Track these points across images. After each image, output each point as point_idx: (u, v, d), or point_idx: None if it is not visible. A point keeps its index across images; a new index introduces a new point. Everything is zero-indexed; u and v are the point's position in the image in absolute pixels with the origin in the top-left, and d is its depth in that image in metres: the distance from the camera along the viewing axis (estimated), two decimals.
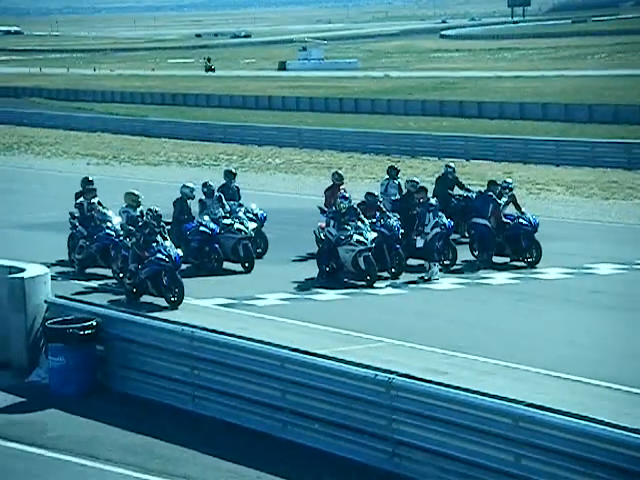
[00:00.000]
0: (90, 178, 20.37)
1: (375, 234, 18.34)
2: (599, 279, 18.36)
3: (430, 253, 18.47)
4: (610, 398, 12.00)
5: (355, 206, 18.77)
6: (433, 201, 18.97)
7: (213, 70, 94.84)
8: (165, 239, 16.88)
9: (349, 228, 18.26)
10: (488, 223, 19.44)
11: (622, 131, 39.09)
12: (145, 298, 16.97)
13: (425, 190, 19.29)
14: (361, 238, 18.09)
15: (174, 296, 16.69)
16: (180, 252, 17.18)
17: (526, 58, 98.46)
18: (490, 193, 19.69)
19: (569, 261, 19.50)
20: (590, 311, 16.28)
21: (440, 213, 18.99)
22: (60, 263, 19.76)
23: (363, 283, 18.00)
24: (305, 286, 18.07)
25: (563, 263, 19.34)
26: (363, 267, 17.98)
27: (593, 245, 21.37)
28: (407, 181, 20.20)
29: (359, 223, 18.38)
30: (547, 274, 18.75)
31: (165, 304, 16.61)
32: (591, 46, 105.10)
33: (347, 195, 19.13)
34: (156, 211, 16.92)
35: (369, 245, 18.03)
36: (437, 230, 18.58)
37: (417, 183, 19.77)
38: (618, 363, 13.45)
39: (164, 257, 16.67)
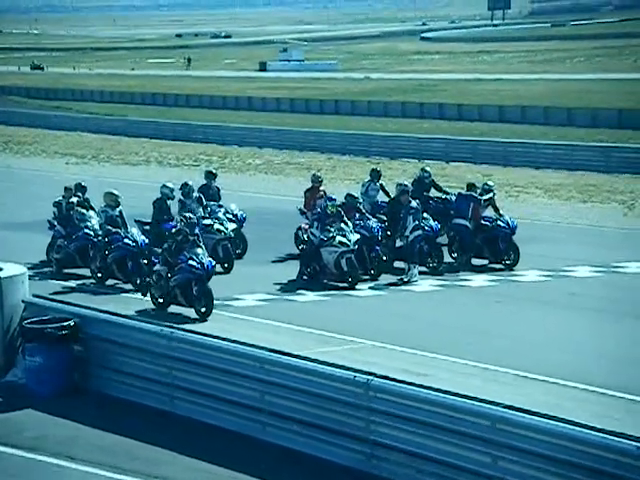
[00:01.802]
0: (83, 184, 20.27)
1: (358, 236, 18.35)
2: (577, 281, 18.45)
3: (410, 255, 18.51)
4: (588, 400, 12.06)
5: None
6: (414, 203, 19.00)
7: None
8: (199, 247, 16.27)
9: (332, 229, 18.26)
10: (468, 224, 19.51)
11: (600, 134, 39.30)
12: (173, 309, 16.40)
13: (407, 192, 19.33)
14: (344, 240, 18.09)
15: (204, 306, 16.02)
16: (213, 261, 16.74)
17: (506, 61, 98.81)
18: (471, 193, 19.77)
19: (547, 263, 19.58)
20: (568, 313, 16.35)
21: (426, 215, 19.07)
22: (38, 263, 19.67)
23: (344, 285, 18.01)
24: (285, 287, 18.06)
25: (541, 265, 19.41)
26: (345, 269, 17.98)
27: (571, 248, 21.47)
28: (397, 184, 20.16)
29: (342, 225, 18.37)
30: (525, 276, 18.82)
31: (195, 315, 16.01)
32: (570, 50, 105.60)
33: (333, 197, 19.13)
34: (190, 218, 16.27)
35: (352, 247, 18.03)
36: (418, 233, 18.61)
37: (406, 186, 19.79)
38: (596, 365, 13.51)
39: (196, 265, 16.13)
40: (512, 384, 12.66)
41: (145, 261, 18.25)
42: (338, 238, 18.12)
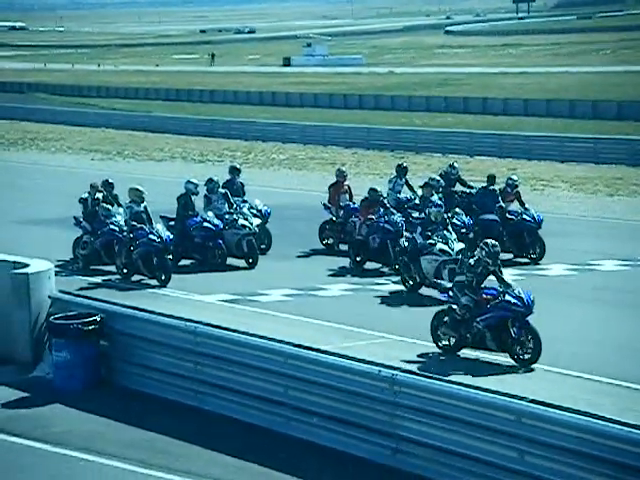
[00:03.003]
0: (110, 180, 20.36)
1: (462, 244, 17.22)
2: (603, 275, 18.36)
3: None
4: (614, 394, 12.01)
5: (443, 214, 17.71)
6: (435, 198, 19.04)
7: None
8: (504, 281, 13.80)
9: (435, 237, 17.13)
10: (498, 219, 19.45)
11: (626, 127, 39.03)
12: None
13: (431, 187, 19.42)
14: (446, 248, 17.01)
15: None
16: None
17: (530, 54, 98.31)
18: (493, 188, 19.72)
19: (573, 257, 19.49)
20: (594, 307, 16.28)
21: (458, 210, 19.11)
22: (65, 259, 19.79)
23: (371, 280, 17.99)
24: (309, 282, 18.07)
25: (567, 259, 19.33)
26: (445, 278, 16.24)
27: (597, 241, 21.35)
28: (429, 179, 20.17)
29: (445, 232, 17.27)
30: (551, 270, 18.74)
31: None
32: (595, 42, 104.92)
33: (440, 203, 18.73)
34: (494, 245, 13.79)
35: (454, 256, 16.65)
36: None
37: (437, 180, 19.76)
38: (622, 359, 13.45)
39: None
40: (538, 378, 12.62)
41: (170, 256, 18.34)
42: (439, 246, 17.01)
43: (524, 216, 19.56)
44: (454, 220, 18.97)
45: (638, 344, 14.15)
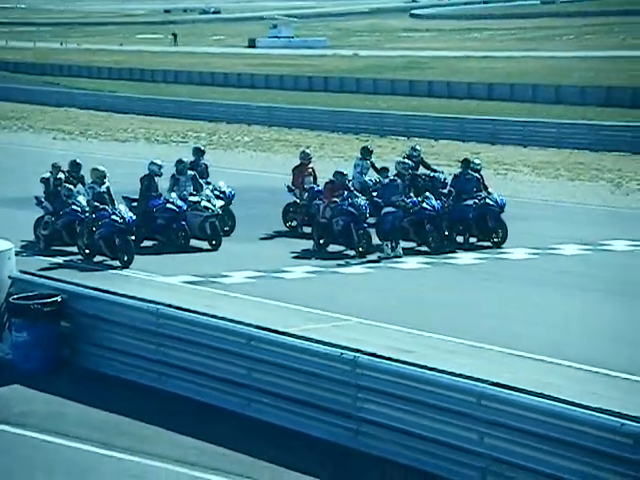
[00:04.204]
0: (78, 161, 20.19)
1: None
2: (564, 259, 18.51)
3: (380, 232, 18.72)
4: (574, 377, 12.12)
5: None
6: (396, 180, 19.14)
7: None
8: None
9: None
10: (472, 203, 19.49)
11: (589, 112, 39.32)
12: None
13: (386, 169, 19.51)
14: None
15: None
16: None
17: (495, 39, 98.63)
18: (473, 174, 19.76)
19: (534, 241, 19.62)
20: (555, 291, 16.41)
21: (429, 194, 19.16)
22: (25, 240, 19.61)
23: (333, 262, 18.04)
24: (272, 264, 18.06)
25: (528, 243, 19.46)
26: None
27: (558, 226, 21.52)
28: (397, 162, 20.16)
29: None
30: (512, 254, 18.86)
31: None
32: (559, 27, 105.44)
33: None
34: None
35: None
36: (388, 209, 18.69)
37: (407, 164, 19.81)
38: (582, 342, 13.58)
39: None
40: (498, 361, 12.71)
41: (133, 237, 18.23)
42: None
43: (487, 200, 19.64)
44: (424, 204, 19.00)
45: (600, 327, 14.29)
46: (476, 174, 19.89)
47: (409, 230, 19.18)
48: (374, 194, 19.75)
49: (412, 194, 19.33)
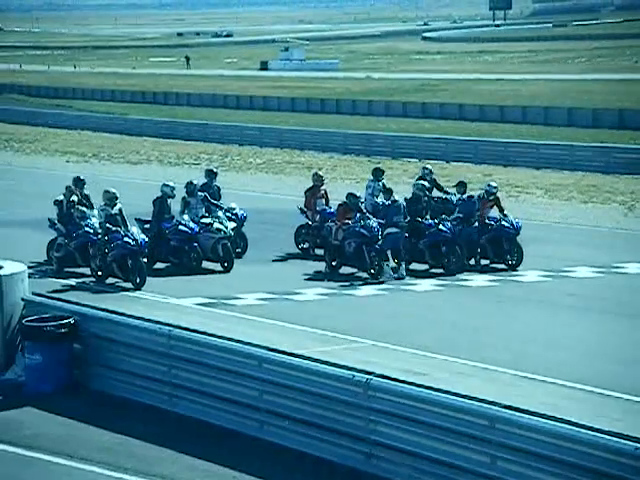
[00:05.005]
0: (82, 177, 20.27)
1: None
2: (577, 282, 18.45)
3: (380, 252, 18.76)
4: (585, 400, 12.06)
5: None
6: (399, 201, 19.22)
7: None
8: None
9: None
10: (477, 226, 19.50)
11: (601, 135, 39.28)
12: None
13: (390, 190, 19.58)
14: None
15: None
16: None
17: (507, 61, 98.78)
18: (473, 196, 19.78)
19: (547, 264, 19.58)
20: (567, 314, 16.35)
21: (445, 217, 19.15)
22: (38, 261, 19.67)
23: (345, 284, 18.01)
24: (285, 286, 18.05)
25: (541, 266, 19.41)
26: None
27: (571, 248, 21.46)
28: (414, 184, 20.20)
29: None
30: (526, 277, 18.82)
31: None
32: (571, 50, 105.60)
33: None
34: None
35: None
36: (390, 230, 18.70)
37: (424, 186, 19.84)
38: (593, 365, 13.52)
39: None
40: (510, 384, 12.66)
41: (145, 259, 18.27)
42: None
43: (503, 222, 19.63)
44: (440, 227, 19.04)
45: (613, 350, 14.23)
46: (475, 196, 19.99)
47: (424, 252, 19.19)
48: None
49: (428, 216, 19.39)
